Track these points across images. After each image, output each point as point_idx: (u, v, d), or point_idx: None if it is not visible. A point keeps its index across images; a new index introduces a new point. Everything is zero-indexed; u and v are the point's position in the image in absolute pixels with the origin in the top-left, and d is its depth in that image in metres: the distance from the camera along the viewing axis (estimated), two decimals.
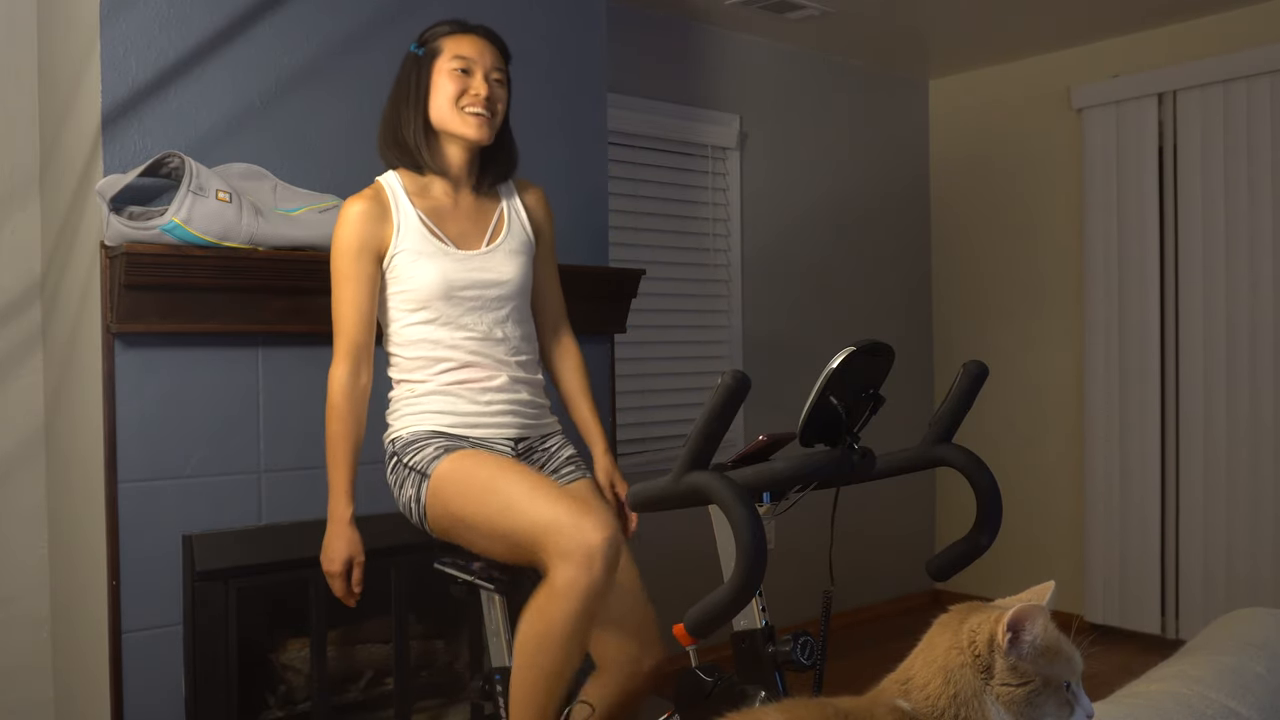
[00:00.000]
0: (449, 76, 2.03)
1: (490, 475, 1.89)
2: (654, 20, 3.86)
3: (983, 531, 1.79)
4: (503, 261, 2.08)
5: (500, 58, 2.09)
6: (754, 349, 4.19)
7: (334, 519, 2.00)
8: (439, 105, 2.04)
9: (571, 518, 1.76)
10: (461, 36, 2.06)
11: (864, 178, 4.63)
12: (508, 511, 1.83)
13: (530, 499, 1.82)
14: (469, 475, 1.92)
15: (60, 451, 2.56)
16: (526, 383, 2.11)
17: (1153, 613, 4.08)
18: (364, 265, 2.00)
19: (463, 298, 2.03)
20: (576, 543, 1.75)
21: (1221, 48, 3.91)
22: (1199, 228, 3.94)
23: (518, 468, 1.92)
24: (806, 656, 1.78)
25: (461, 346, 2.03)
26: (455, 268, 2.02)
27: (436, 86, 2.04)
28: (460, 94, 2.02)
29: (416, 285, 2.01)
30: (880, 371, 1.67)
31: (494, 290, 2.06)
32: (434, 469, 1.95)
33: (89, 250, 2.34)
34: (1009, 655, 0.96)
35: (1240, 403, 3.85)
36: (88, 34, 2.32)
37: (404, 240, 2.01)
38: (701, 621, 1.54)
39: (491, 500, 1.86)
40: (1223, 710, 1.17)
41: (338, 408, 1.99)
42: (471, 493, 1.89)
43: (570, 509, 1.78)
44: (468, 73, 2.03)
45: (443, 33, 2.07)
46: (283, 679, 2.59)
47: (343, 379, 2.00)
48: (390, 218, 2.02)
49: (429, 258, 2.01)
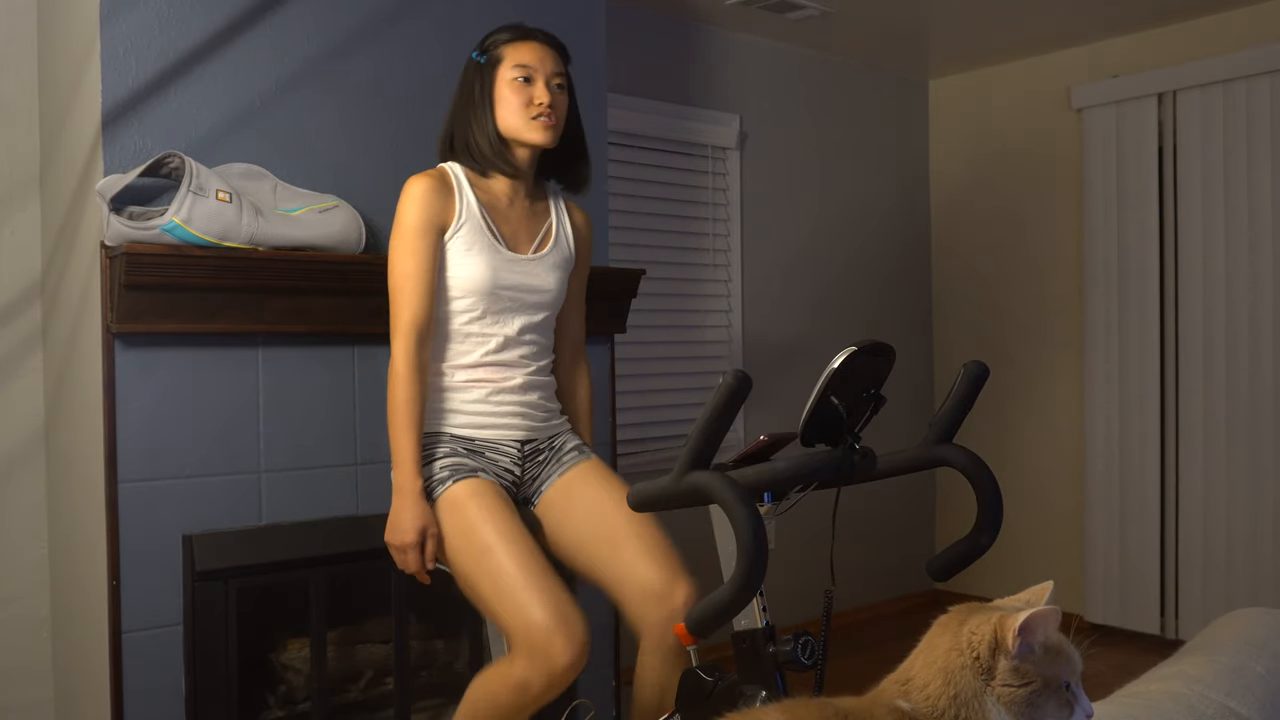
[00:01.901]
0: (511, 87, 2.07)
1: (489, 541, 1.91)
2: (654, 20, 3.86)
3: (983, 531, 1.80)
4: (546, 271, 2.13)
5: (560, 62, 2.13)
6: (754, 349, 4.19)
7: (402, 491, 1.97)
8: (505, 116, 2.08)
9: (546, 631, 1.81)
10: (521, 44, 2.09)
11: (864, 178, 4.63)
12: (493, 588, 1.89)
13: (517, 586, 1.86)
14: (469, 529, 1.94)
15: (60, 451, 2.56)
16: (539, 385, 2.15)
17: (1153, 613, 4.08)
18: (428, 241, 2.02)
19: (503, 296, 2.07)
20: (544, 656, 1.82)
21: (1221, 48, 3.91)
22: (1199, 228, 3.94)
23: (518, 538, 1.92)
24: (807, 656, 1.78)
25: (486, 343, 2.07)
26: (504, 266, 2.07)
27: (501, 97, 2.08)
28: (526, 103, 2.06)
29: (463, 275, 2.04)
30: (881, 371, 1.67)
31: (533, 296, 2.11)
32: (438, 495, 1.99)
33: (89, 250, 2.34)
34: (1014, 658, 0.96)
35: (1240, 403, 3.85)
36: (88, 34, 2.32)
37: (464, 224, 2.05)
38: (702, 621, 1.54)
39: (483, 566, 1.90)
40: (1223, 710, 1.17)
41: (403, 376, 1.98)
42: (466, 548, 1.94)
43: (550, 618, 1.82)
44: (529, 81, 2.07)
45: (503, 40, 2.10)
46: (283, 679, 2.59)
47: (407, 350, 1.99)
48: (454, 198, 2.06)
49: (481, 251, 2.05)
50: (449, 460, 2.02)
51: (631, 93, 3.76)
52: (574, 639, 1.82)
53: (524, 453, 2.12)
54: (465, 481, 1.99)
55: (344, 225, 2.44)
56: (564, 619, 1.83)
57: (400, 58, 2.66)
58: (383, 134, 2.64)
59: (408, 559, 1.97)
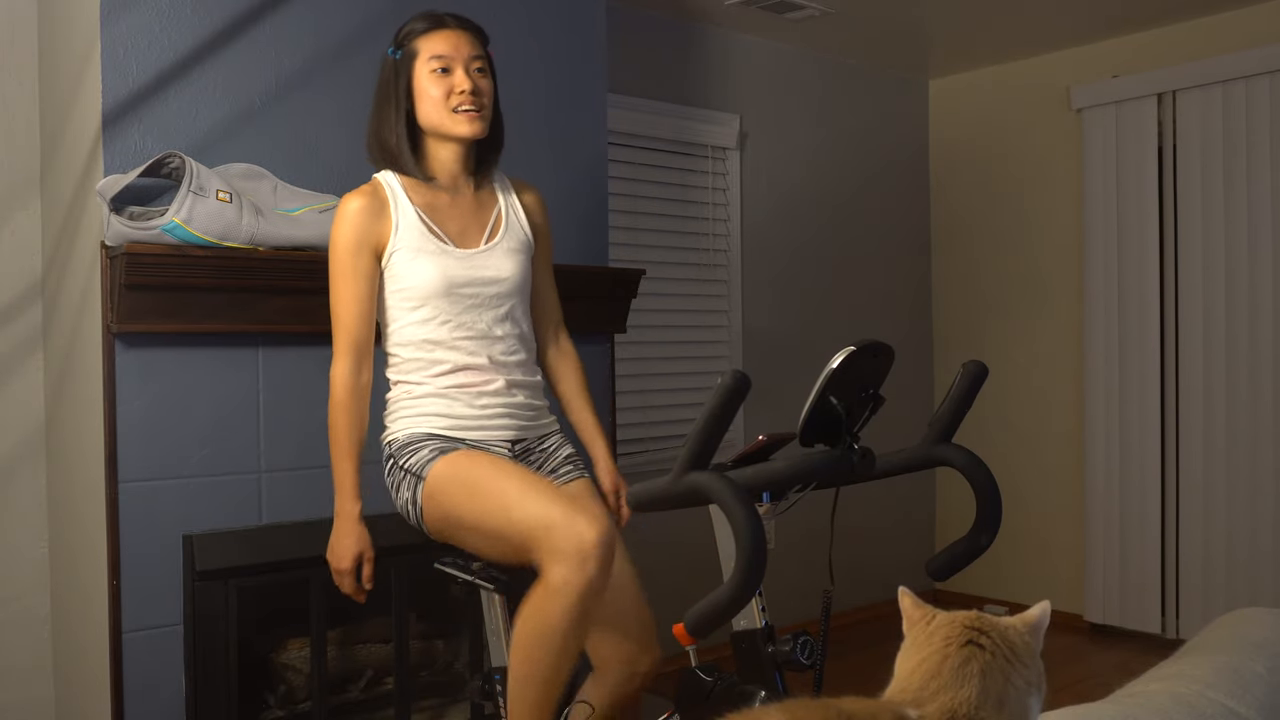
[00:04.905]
0: (430, 80, 1.99)
1: (484, 476, 1.89)
2: (654, 20, 3.86)
3: (983, 531, 1.80)
4: (501, 259, 2.07)
5: (478, 45, 2.04)
6: (754, 349, 4.19)
7: (341, 516, 1.99)
8: (427, 111, 2.01)
9: (565, 516, 1.76)
10: (435, 34, 2.01)
11: (864, 178, 4.63)
12: (502, 511, 1.83)
13: (524, 498, 1.81)
14: (463, 476, 1.91)
15: (61, 451, 2.56)
16: (523, 385, 2.10)
17: (1153, 612, 4.08)
18: (362, 261, 1.99)
19: (462, 295, 2.01)
20: (570, 541, 1.74)
21: (1221, 48, 3.91)
22: (1198, 227, 3.94)
23: (512, 467, 1.92)
24: (806, 656, 1.78)
25: (460, 347, 2.02)
26: (455, 265, 2.01)
27: (420, 91, 2.01)
28: (446, 94, 1.99)
29: (416, 283, 1.99)
30: (880, 371, 1.67)
31: (493, 288, 2.05)
32: (429, 471, 1.94)
33: (89, 250, 2.34)
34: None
35: (1240, 403, 3.85)
36: (88, 34, 2.32)
37: (403, 238, 2.00)
38: (701, 621, 1.54)
39: (486, 500, 1.86)
40: (1223, 710, 1.17)
41: (341, 403, 1.98)
42: (465, 493, 1.89)
43: (564, 508, 1.77)
44: (448, 71, 1.99)
45: (417, 32, 2.03)
46: (283, 679, 2.59)
47: (345, 374, 1.98)
48: (389, 214, 2.00)
49: (428, 255, 1.99)
50: (436, 444, 1.98)
51: (631, 93, 3.76)
52: (596, 517, 1.77)
53: (514, 453, 2.08)
54: (451, 454, 1.95)
55: None
56: (581, 506, 1.79)
57: None
58: None
59: (344, 581, 1.99)
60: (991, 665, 0.97)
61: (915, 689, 0.98)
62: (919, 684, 0.98)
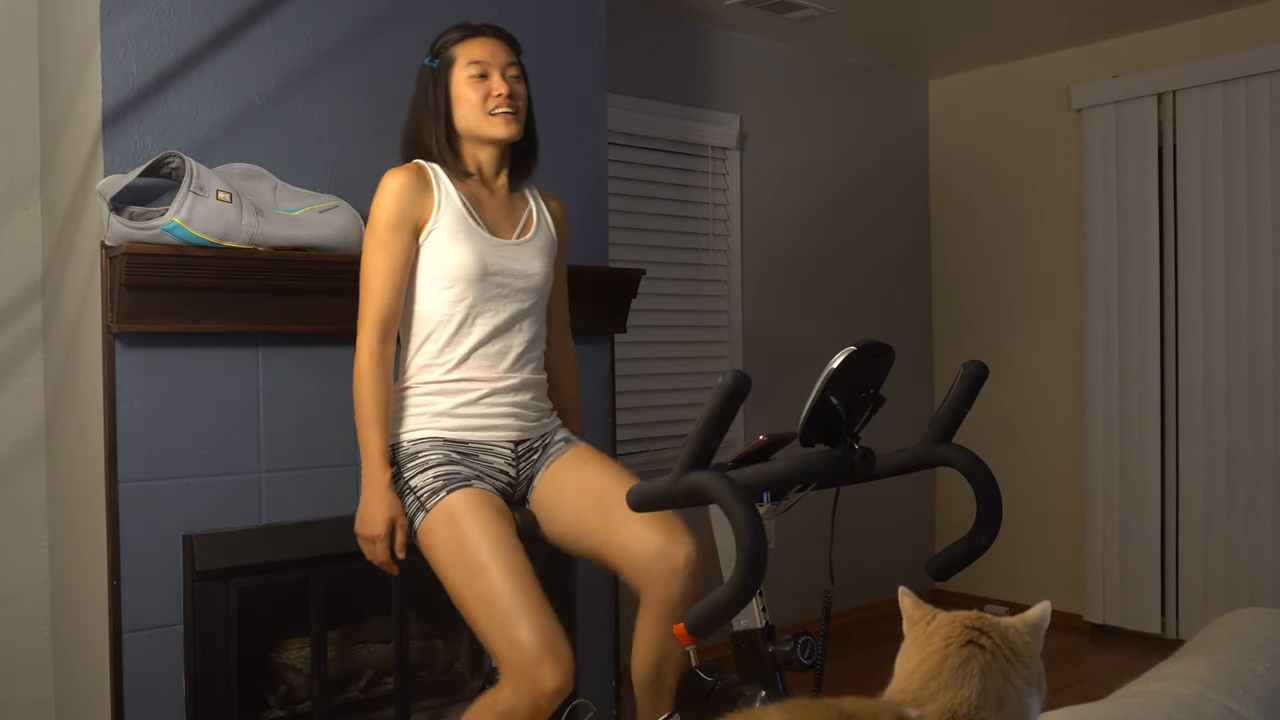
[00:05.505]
0: (468, 84, 2.07)
1: (484, 561, 1.89)
2: (654, 20, 3.86)
3: (983, 531, 1.80)
4: (532, 256, 2.13)
5: (513, 52, 2.13)
6: (754, 349, 4.19)
7: (370, 483, 1.98)
8: (465, 114, 2.08)
9: (535, 655, 1.81)
10: (472, 41, 2.09)
11: (864, 178, 4.63)
12: (485, 611, 1.87)
13: (509, 613, 1.84)
14: (464, 546, 1.92)
15: (61, 451, 2.56)
16: (532, 385, 2.14)
17: (1153, 612, 4.08)
18: (401, 237, 2.02)
19: (492, 282, 2.06)
20: (530, 682, 1.81)
21: (1221, 48, 3.91)
22: (1198, 227, 3.94)
23: (512, 558, 1.90)
24: (806, 656, 1.78)
25: (476, 333, 2.06)
26: (491, 252, 2.06)
27: (458, 96, 2.08)
28: (484, 98, 2.06)
29: (450, 263, 2.03)
30: (880, 371, 1.67)
31: (521, 281, 2.10)
32: (433, 505, 1.97)
33: (89, 250, 2.34)
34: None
35: (1240, 403, 3.85)
36: (88, 34, 2.32)
37: (444, 217, 2.04)
38: (702, 621, 1.54)
39: (476, 587, 1.89)
40: (1223, 710, 1.17)
41: (367, 371, 1.99)
42: (460, 566, 1.91)
43: (539, 644, 1.81)
44: (485, 76, 2.07)
45: (454, 40, 2.10)
46: (283, 679, 2.59)
47: (371, 343, 2.00)
48: (432, 193, 2.05)
49: (466, 237, 2.04)
50: (442, 469, 2.00)
51: (631, 93, 3.76)
52: (562, 665, 1.82)
53: (518, 453, 2.10)
54: (461, 492, 1.96)
55: (344, 225, 2.44)
56: (553, 645, 1.83)
57: (400, 58, 2.66)
58: (382, 134, 2.64)
59: (376, 549, 1.98)
60: (991, 665, 0.97)
61: (915, 689, 0.98)
62: (919, 684, 0.98)
